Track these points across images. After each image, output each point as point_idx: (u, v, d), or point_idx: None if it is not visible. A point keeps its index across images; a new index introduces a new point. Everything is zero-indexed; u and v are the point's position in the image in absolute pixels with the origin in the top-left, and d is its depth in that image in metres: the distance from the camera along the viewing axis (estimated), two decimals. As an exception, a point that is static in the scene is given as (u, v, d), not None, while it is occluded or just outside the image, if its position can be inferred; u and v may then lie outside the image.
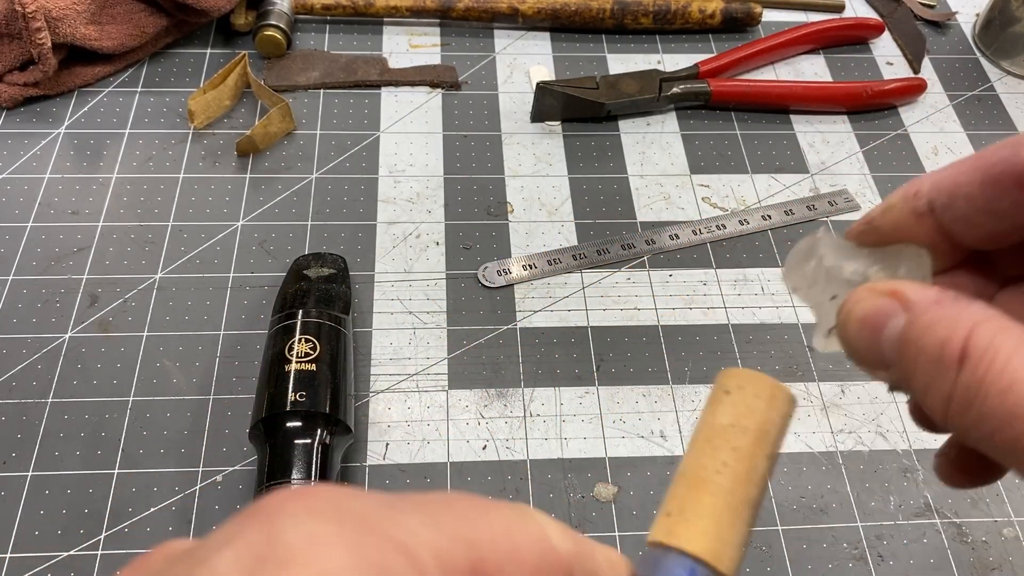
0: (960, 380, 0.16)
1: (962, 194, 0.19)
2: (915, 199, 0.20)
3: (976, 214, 0.19)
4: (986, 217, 0.19)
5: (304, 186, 0.51)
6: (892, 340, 0.18)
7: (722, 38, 0.62)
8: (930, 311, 0.18)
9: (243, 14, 0.57)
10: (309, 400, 0.37)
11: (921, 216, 0.20)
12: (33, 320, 0.44)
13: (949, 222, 0.20)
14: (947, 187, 0.20)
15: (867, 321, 0.19)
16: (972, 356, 0.16)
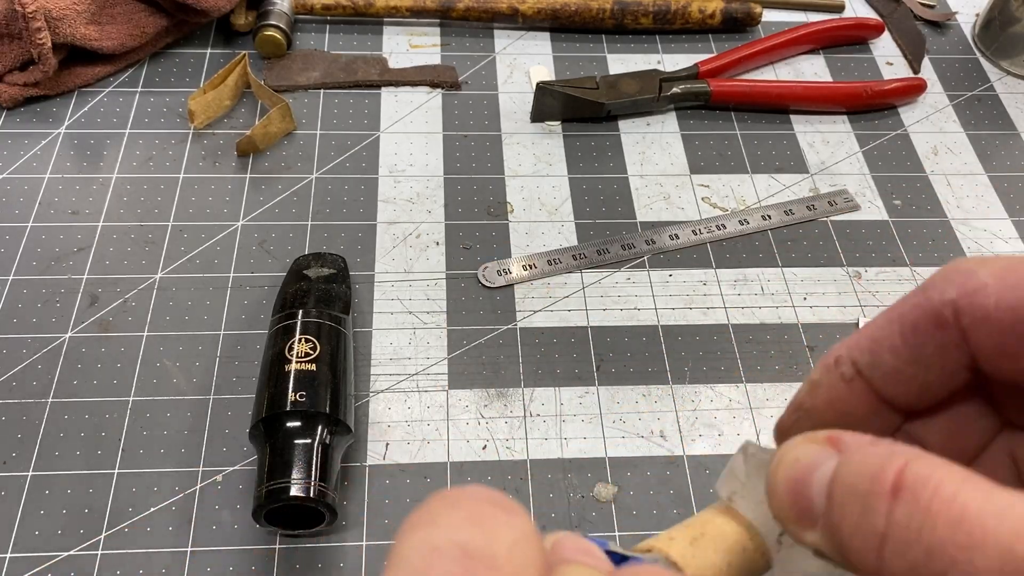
0: (897, 513, 0.15)
1: (885, 348, 0.18)
2: (838, 366, 0.19)
3: (904, 366, 0.18)
4: (915, 368, 0.18)
5: (304, 186, 0.51)
6: (820, 486, 0.17)
7: (722, 38, 0.62)
8: (863, 450, 0.16)
9: (243, 14, 0.57)
10: (309, 400, 0.37)
11: (850, 382, 0.19)
12: (33, 320, 0.44)
13: (879, 381, 0.19)
14: (867, 345, 0.19)
15: (797, 466, 0.17)
16: (910, 486, 0.15)
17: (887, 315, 0.19)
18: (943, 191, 0.54)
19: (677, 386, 0.44)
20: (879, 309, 0.48)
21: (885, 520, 0.15)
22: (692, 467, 0.42)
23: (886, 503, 0.15)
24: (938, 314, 0.18)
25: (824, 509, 0.17)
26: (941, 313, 0.17)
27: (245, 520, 0.39)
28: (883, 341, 0.18)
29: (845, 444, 0.17)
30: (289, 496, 0.35)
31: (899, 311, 0.18)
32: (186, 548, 0.38)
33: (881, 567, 0.15)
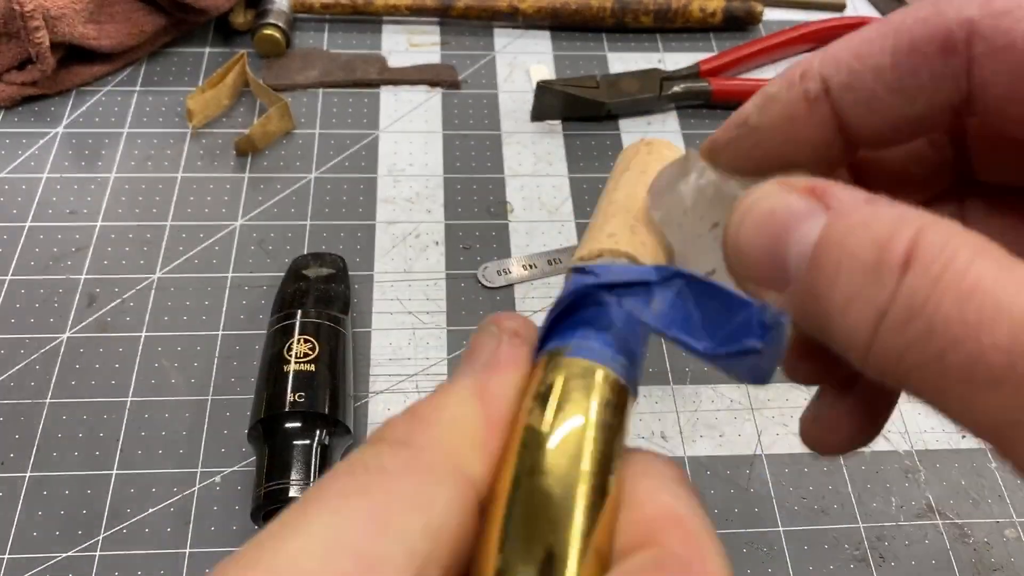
0: (904, 286, 0.13)
1: (869, 67, 0.15)
2: (803, 81, 0.16)
3: (885, 94, 0.15)
4: (896, 97, 0.15)
5: (303, 186, 0.51)
6: (802, 247, 0.14)
7: (723, 37, 0.62)
8: (861, 210, 0.14)
9: (242, 13, 0.57)
10: (308, 400, 0.37)
11: (813, 102, 0.16)
12: (31, 320, 0.44)
13: (848, 106, 0.16)
14: (846, 61, 0.15)
15: (772, 219, 0.14)
16: (922, 258, 0.13)
17: (880, 25, 0.15)
18: (945, 190, 0.54)
19: (678, 386, 0.44)
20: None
21: (889, 295, 0.13)
22: (693, 467, 0.41)
23: (895, 276, 0.13)
24: (948, 34, 0.14)
25: (804, 275, 0.14)
26: (952, 33, 0.14)
27: (244, 521, 0.38)
28: (868, 58, 0.15)
29: (836, 199, 0.14)
30: (288, 497, 0.35)
31: (898, 23, 0.15)
32: (184, 549, 0.38)
33: (872, 344, 0.13)
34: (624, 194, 0.20)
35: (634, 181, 0.21)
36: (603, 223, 0.20)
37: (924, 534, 0.40)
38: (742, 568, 0.39)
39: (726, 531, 0.40)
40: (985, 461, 0.43)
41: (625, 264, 0.17)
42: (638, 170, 0.21)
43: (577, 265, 0.18)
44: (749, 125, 0.17)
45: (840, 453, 0.20)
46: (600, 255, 0.18)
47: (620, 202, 0.20)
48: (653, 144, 0.22)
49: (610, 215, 0.20)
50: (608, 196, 0.21)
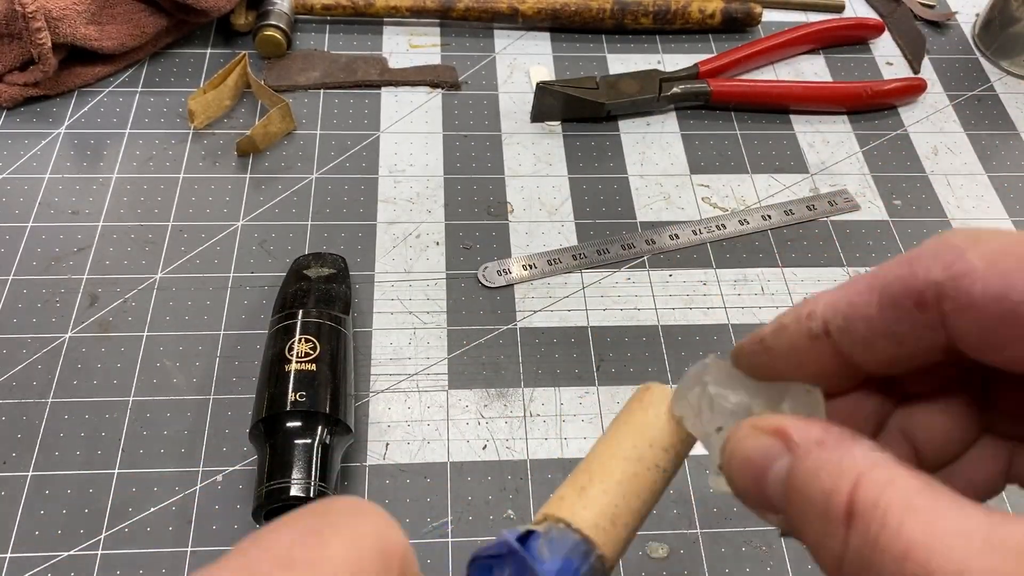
0: (851, 541, 0.14)
1: (859, 316, 0.17)
2: (809, 320, 0.18)
3: (876, 338, 0.17)
4: (886, 341, 0.17)
5: (304, 186, 0.51)
6: (778, 484, 0.17)
7: (722, 38, 0.62)
8: (813, 454, 0.16)
9: (243, 14, 0.57)
10: (309, 400, 0.37)
11: (816, 339, 0.18)
12: (33, 320, 0.44)
13: (848, 346, 0.18)
14: (843, 308, 0.18)
15: (751, 462, 0.17)
16: (861, 514, 0.14)
17: (870, 280, 0.17)
18: (943, 191, 0.54)
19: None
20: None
21: (841, 545, 0.15)
22: (692, 467, 0.42)
23: (842, 529, 0.15)
24: (920, 293, 0.16)
25: (783, 508, 0.16)
26: (923, 293, 0.16)
27: (245, 520, 0.39)
28: (859, 307, 0.17)
29: (794, 443, 0.17)
30: (289, 496, 0.35)
31: (882, 279, 0.17)
32: (186, 548, 0.38)
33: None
34: (600, 450, 0.22)
35: (612, 435, 0.22)
36: (570, 480, 0.21)
37: (922, 533, 0.40)
38: (741, 567, 0.39)
39: (725, 530, 0.40)
40: (983, 460, 0.43)
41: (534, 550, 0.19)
42: (621, 421, 0.22)
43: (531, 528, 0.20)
44: (766, 344, 0.19)
45: None
46: (544, 519, 0.20)
47: (591, 458, 0.21)
48: (650, 393, 0.23)
49: (578, 471, 0.21)
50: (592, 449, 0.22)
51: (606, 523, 0.20)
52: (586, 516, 0.20)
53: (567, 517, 0.20)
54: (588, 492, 0.20)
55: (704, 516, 0.40)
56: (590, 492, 0.20)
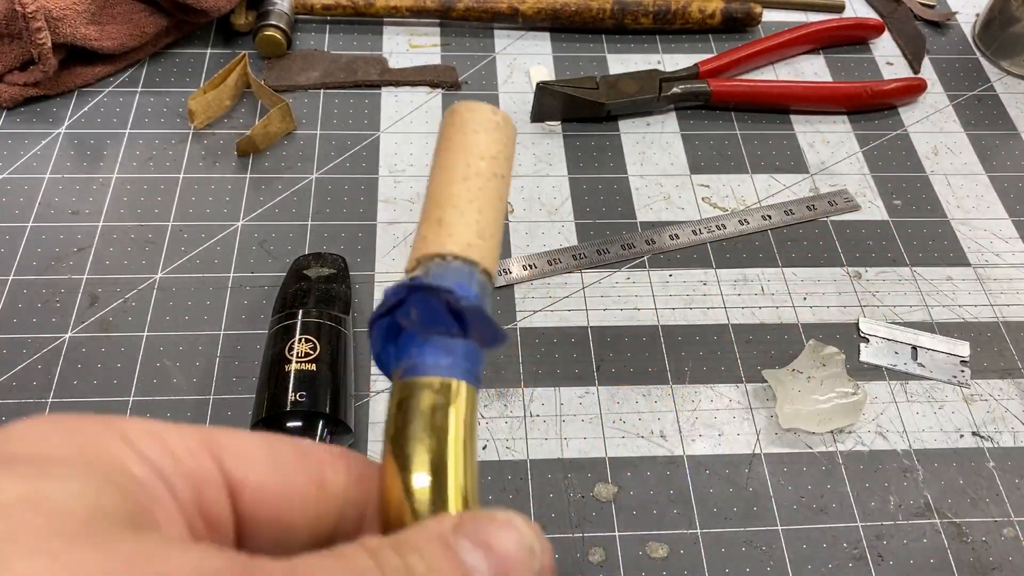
0: None
1: None
2: None
3: None
4: None
5: (304, 186, 0.51)
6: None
7: (722, 38, 0.62)
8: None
9: (243, 14, 0.57)
10: (309, 400, 0.37)
11: None
12: (33, 320, 0.44)
13: None
14: None
15: None
16: None
17: None
18: (943, 191, 0.54)
19: (677, 386, 0.44)
20: (879, 309, 0.48)
21: None
22: (692, 467, 0.42)
23: None
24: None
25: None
26: None
27: (245, 520, 0.39)
28: None
29: None
30: (289, 496, 0.35)
31: None
32: (186, 548, 0.38)
33: None
34: (437, 184, 0.22)
35: (441, 164, 0.22)
36: (423, 220, 0.21)
37: (922, 533, 0.40)
38: (741, 567, 0.39)
39: (724, 529, 0.40)
40: (983, 460, 0.43)
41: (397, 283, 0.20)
42: (444, 149, 0.23)
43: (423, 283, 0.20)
44: None
45: None
46: (418, 263, 0.20)
47: (433, 193, 0.21)
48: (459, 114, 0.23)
49: (426, 209, 0.21)
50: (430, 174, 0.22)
51: (475, 239, 0.20)
52: (455, 241, 0.20)
53: (438, 250, 0.20)
54: (445, 221, 0.20)
55: (704, 516, 0.40)
56: (447, 220, 0.20)
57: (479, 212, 0.21)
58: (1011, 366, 0.46)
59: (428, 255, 0.20)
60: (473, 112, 0.23)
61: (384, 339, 0.20)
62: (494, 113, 0.23)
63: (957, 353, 0.46)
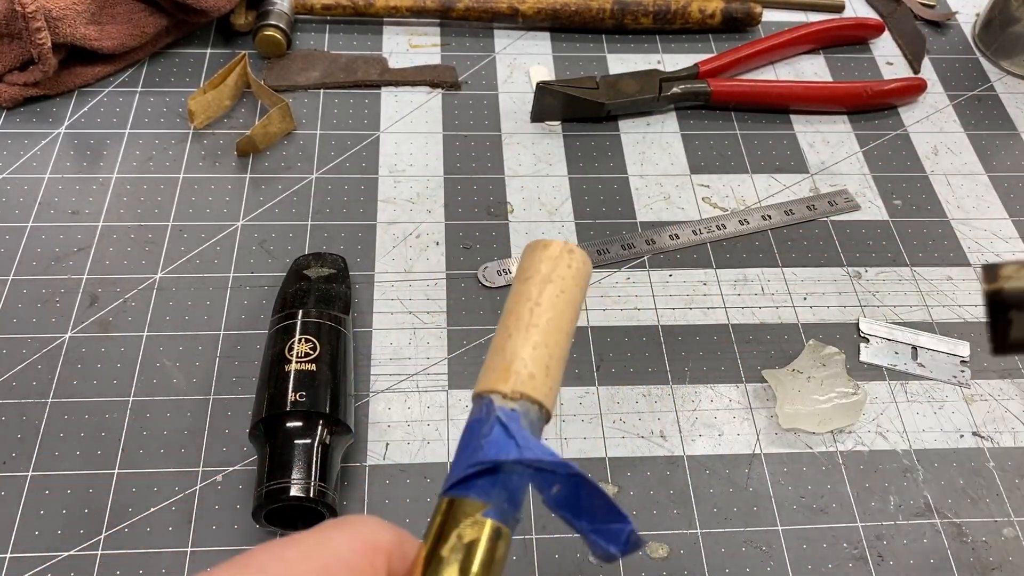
0: None
1: None
2: None
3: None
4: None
5: (304, 186, 0.51)
6: None
7: (722, 38, 0.62)
8: None
9: (243, 14, 0.57)
10: (309, 400, 0.37)
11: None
12: (33, 320, 0.44)
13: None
14: None
15: None
16: None
17: None
18: (943, 191, 0.54)
19: (677, 386, 0.44)
20: (879, 309, 0.48)
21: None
22: (692, 467, 0.42)
23: None
24: None
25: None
26: None
27: (245, 520, 0.39)
28: None
29: None
30: (289, 496, 0.35)
31: None
32: (186, 548, 0.38)
33: None
34: (547, 318, 0.22)
35: (556, 302, 0.23)
36: (521, 349, 0.22)
37: (922, 533, 0.40)
38: (741, 567, 0.39)
39: (724, 530, 0.40)
40: (983, 461, 0.43)
41: (544, 445, 0.21)
42: (558, 288, 0.23)
43: (500, 409, 0.21)
44: None
45: None
46: (521, 397, 0.21)
47: (542, 327, 0.22)
48: (575, 255, 0.24)
49: (530, 341, 0.22)
50: (528, 309, 0.23)
51: (541, 375, 0.22)
52: (548, 392, 0.22)
53: (544, 400, 0.21)
54: (551, 370, 0.22)
55: (704, 516, 0.40)
56: (552, 369, 0.22)
57: (546, 347, 0.22)
58: (1011, 366, 0.46)
59: (532, 398, 0.21)
60: (548, 248, 0.24)
61: (466, 469, 0.20)
62: (571, 252, 0.24)
63: (957, 353, 0.46)
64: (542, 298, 0.23)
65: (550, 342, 0.22)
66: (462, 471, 0.20)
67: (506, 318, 0.23)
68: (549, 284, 0.23)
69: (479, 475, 0.20)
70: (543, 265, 0.23)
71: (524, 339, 0.22)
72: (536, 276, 0.23)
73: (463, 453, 0.21)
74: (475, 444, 0.20)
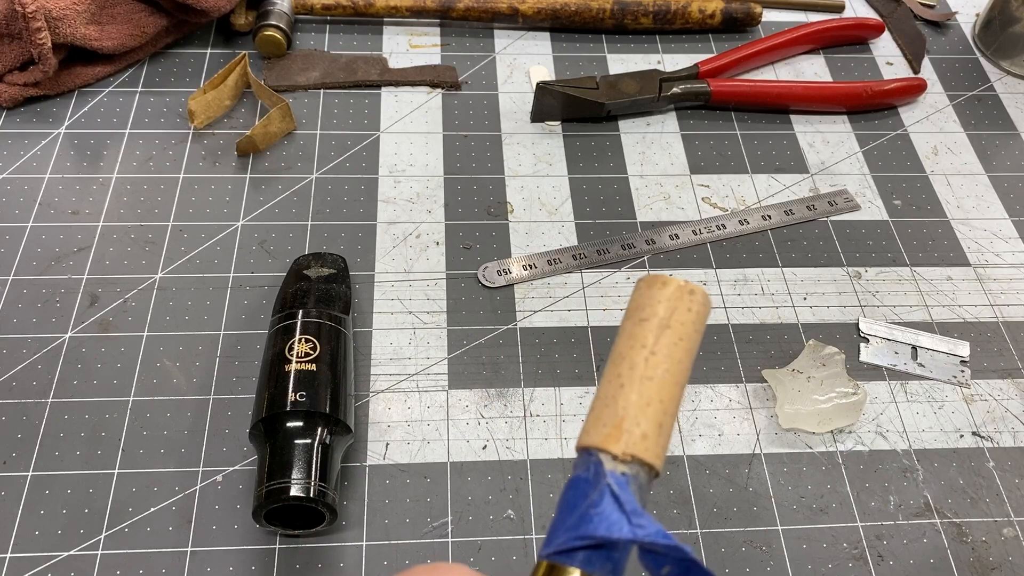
0: None
1: None
2: None
3: None
4: None
5: (304, 186, 0.51)
6: None
7: (722, 38, 0.62)
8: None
9: (243, 14, 0.57)
10: (309, 400, 0.37)
11: None
12: (33, 320, 0.44)
13: None
14: None
15: None
16: None
17: None
18: (943, 191, 0.54)
19: (677, 386, 0.44)
20: (879, 309, 0.48)
21: None
22: (692, 467, 0.42)
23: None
24: None
25: None
26: None
27: (245, 520, 0.39)
28: None
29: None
30: (289, 496, 0.35)
31: None
32: (186, 548, 0.38)
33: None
34: (663, 369, 0.21)
35: (673, 351, 0.21)
36: (634, 404, 0.20)
37: (922, 533, 0.40)
38: (741, 567, 0.39)
39: (724, 529, 0.40)
40: (983, 460, 0.43)
41: (660, 527, 0.19)
42: (676, 335, 0.21)
43: (610, 474, 0.20)
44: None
45: None
46: (632, 459, 0.20)
47: (657, 380, 0.20)
48: (696, 297, 0.22)
49: (644, 395, 0.20)
50: (643, 357, 0.21)
51: (666, 446, 0.21)
52: (660, 452, 0.20)
53: (655, 462, 0.20)
54: (664, 428, 0.20)
55: (704, 516, 0.40)
56: (665, 427, 0.20)
57: (660, 403, 0.20)
58: (1011, 366, 0.46)
59: (643, 460, 0.20)
60: (666, 287, 0.22)
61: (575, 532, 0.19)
62: (692, 293, 0.22)
63: (957, 353, 0.46)
64: (658, 346, 0.21)
65: (665, 397, 0.20)
66: (567, 539, 0.19)
67: (618, 364, 0.21)
68: (667, 330, 0.21)
69: (585, 547, 0.19)
70: (660, 307, 0.21)
71: (638, 393, 0.20)
72: (653, 319, 0.21)
73: (567, 514, 0.20)
74: (582, 510, 0.19)
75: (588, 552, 0.19)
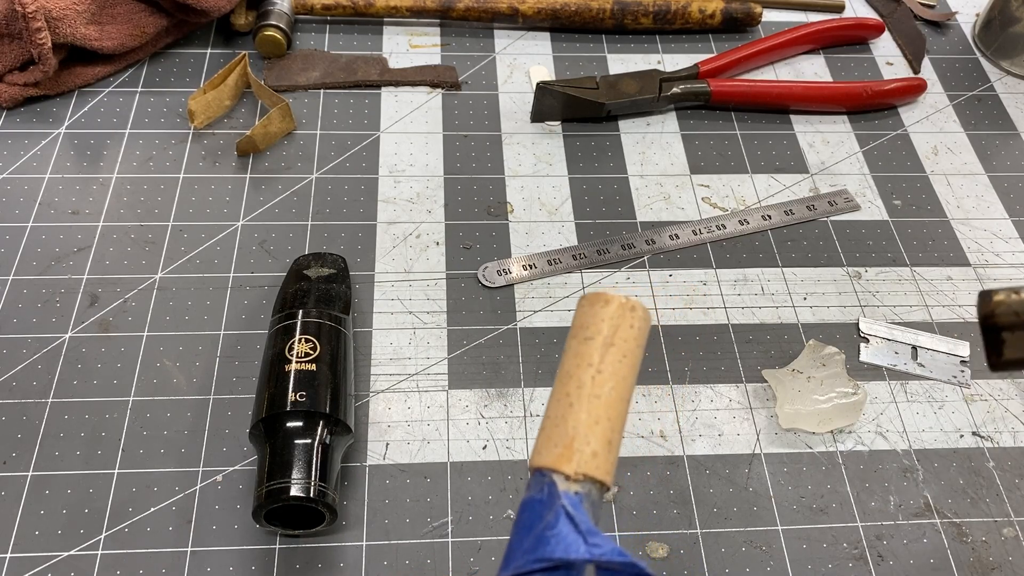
0: None
1: None
2: None
3: None
4: None
5: (304, 186, 0.51)
6: None
7: (722, 38, 0.62)
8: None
9: (243, 14, 0.57)
10: (309, 400, 0.37)
11: None
12: (33, 320, 0.44)
13: None
14: None
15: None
16: None
17: None
18: (943, 191, 0.54)
19: (677, 386, 0.44)
20: (879, 309, 0.48)
21: None
22: (692, 467, 0.42)
23: None
24: None
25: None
26: None
27: (245, 520, 0.39)
28: None
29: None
30: (289, 496, 0.35)
31: None
32: (186, 548, 0.38)
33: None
34: (609, 387, 0.21)
35: (618, 368, 0.21)
36: (583, 423, 0.20)
37: (922, 533, 0.40)
38: (740, 567, 0.39)
39: (724, 529, 0.40)
40: (983, 460, 0.43)
41: (614, 545, 0.20)
42: (620, 352, 0.22)
43: (564, 495, 0.20)
44: None
45: None
46: (584, 478, 0.20)
47: (604, 398, 0.21)
48: (637, 313, 0.22)
49: (592, 414, 0.21)
50: (590, 376, 0.21)
51: (615, 461, 0.21)
52: (610, 468, 0.21)
53: (605, 479, 0.20)
54: (612, 444, 0.21)
55: (704, 516, 0.40)
56: (613, 443, 0.21)
57: (608, 420, 0.21)
58: (1011, 366, 0.46)
59: (594, 478, 0.20)
60: (608, 305, 0.22)
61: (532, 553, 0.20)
62: (633, 310, 0.22)
63: (957, 353, 0.46)
64: (604, 364, 0.21)
65: (612, 414, 0.21)
66: (525, 561, 0.19)
67: (565, 383, 0.21)
68: (612, 348, 0.21)
69: (543, 569, 0.19)
70: (604, 325, 0.22)
71: (587, 412, 0.21)
72: (597, 337, 0.22)
73: (523, 535, 0.20)
74: (538, 532, 0.20)
75: (545, 574, 0.19)
